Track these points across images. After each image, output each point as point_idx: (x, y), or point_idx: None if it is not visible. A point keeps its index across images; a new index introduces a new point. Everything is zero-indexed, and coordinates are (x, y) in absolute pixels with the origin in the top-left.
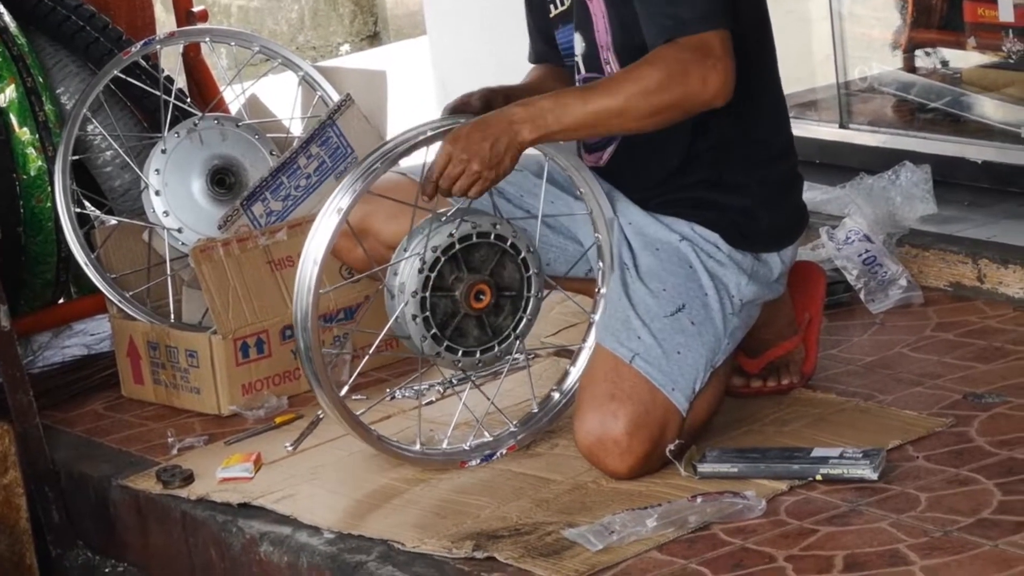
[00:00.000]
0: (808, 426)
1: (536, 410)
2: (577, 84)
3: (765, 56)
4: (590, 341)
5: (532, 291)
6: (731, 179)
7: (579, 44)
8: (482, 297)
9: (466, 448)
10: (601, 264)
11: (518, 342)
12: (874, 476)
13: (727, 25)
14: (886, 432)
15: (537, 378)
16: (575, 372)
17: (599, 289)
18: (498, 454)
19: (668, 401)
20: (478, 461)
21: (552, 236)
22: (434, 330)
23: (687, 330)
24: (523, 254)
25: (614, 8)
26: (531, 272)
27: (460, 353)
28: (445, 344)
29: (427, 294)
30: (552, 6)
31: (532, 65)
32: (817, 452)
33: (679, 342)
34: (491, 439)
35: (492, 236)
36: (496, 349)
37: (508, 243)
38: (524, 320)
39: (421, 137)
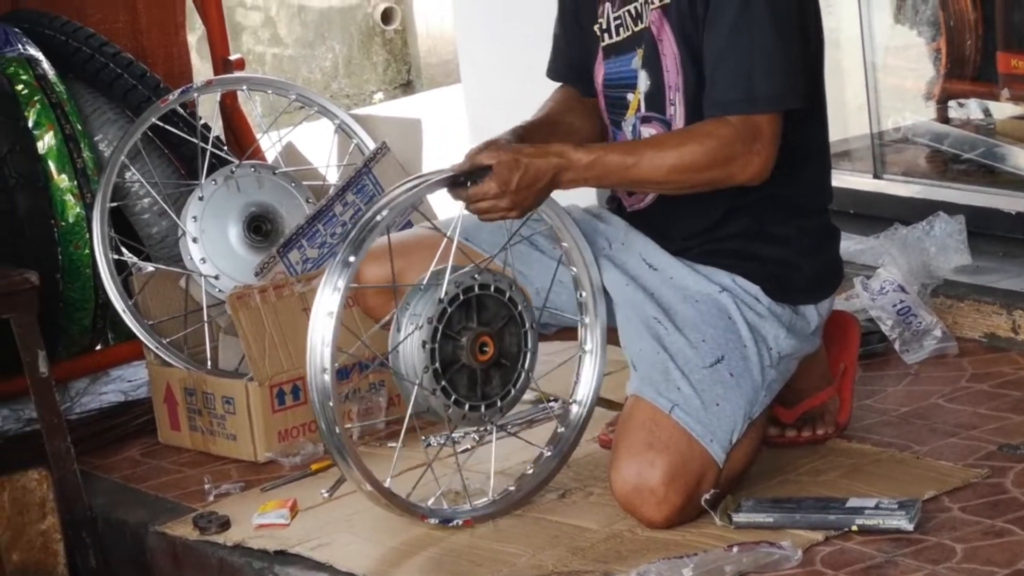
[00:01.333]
0: (843, 476)
1: (512, 488)
2: (631, 121)
3: (817, 116)
4: (580, 391)
5: (525, 366)
6: (773, 230)
7: (643, 82)
8: (486, 349)
9: (427, 505)
10: (582, 294)
11: (500, 414)
12: (910, 527)
13: (795, 104)
14: (921, 483)
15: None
16: (548, 455)
17: (583, 345)
18: (455, 522)
19: (706, 452)
20: (436, 521)
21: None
22: (436, 364)
23: (726, 382)
24: (525, 328)
25: (688, 51)
26: (528, 348)
27: (452, 399)
28: (442, 384)
29: (440, 325)
30: (607, 35)
31: (549, 79)
32: (853, 502)
33: (718, 393)
34: (447, 508)
35: (507, 296)
36: (480, 412)
37: (517, 310)
38: (511, 393)
39: (424, 184)
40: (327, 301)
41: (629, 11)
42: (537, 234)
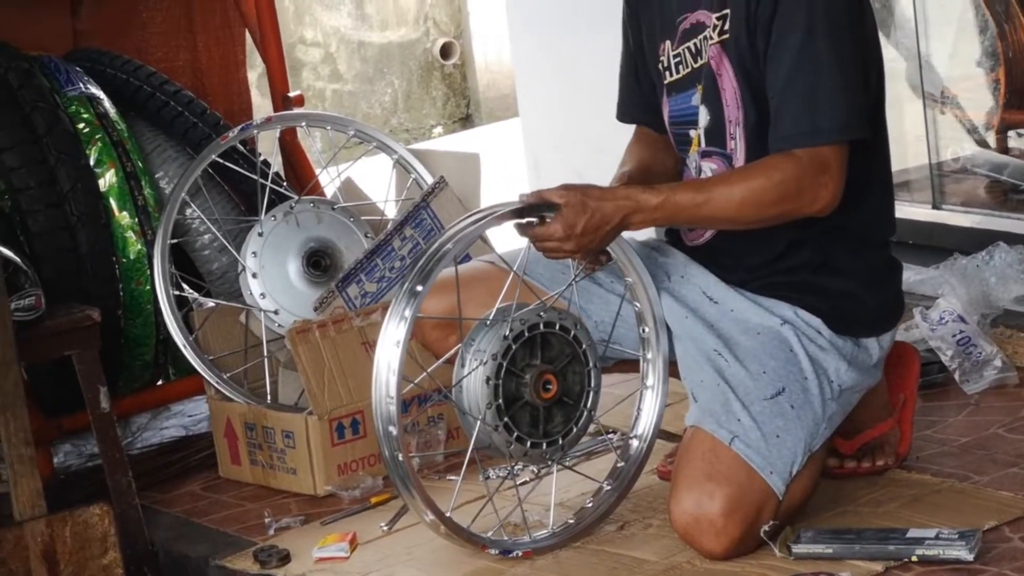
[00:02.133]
0: (903, 507)
1: (572, 520)
2: (694, 157)
3: (880, 147)
4: (641, 426)
5: (588, 404)
6: (835, 263)
7: (703, 117)
8: (549, 387)
9: (488, 536)
10: (644, 329)
11: (561, 452)
12: (970, 557)
13: (860, 134)
14: (982, 513)
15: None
16: (608, 488)
17: (645, 355)
18: (514, 553)
19: (765, 484)
20: (496, 552)
21: (627, 309)
22: (499, 401)
23: (787, 414)
24: (589, 366)
25: (748, 84)
26: (591, 387)
27: (514, 435)
28: (504, 420)
29: (505, 361)
30: (668, 73)
31: (621, 123)
32: (912, 533)
33: (778, 425)
34: (507, 539)
35: (572, 334)
36: (543, 449)
37: (582, 348)
38: (573, 432)
39: (478, 224)
40: (394, 330)
41: (689, 48)
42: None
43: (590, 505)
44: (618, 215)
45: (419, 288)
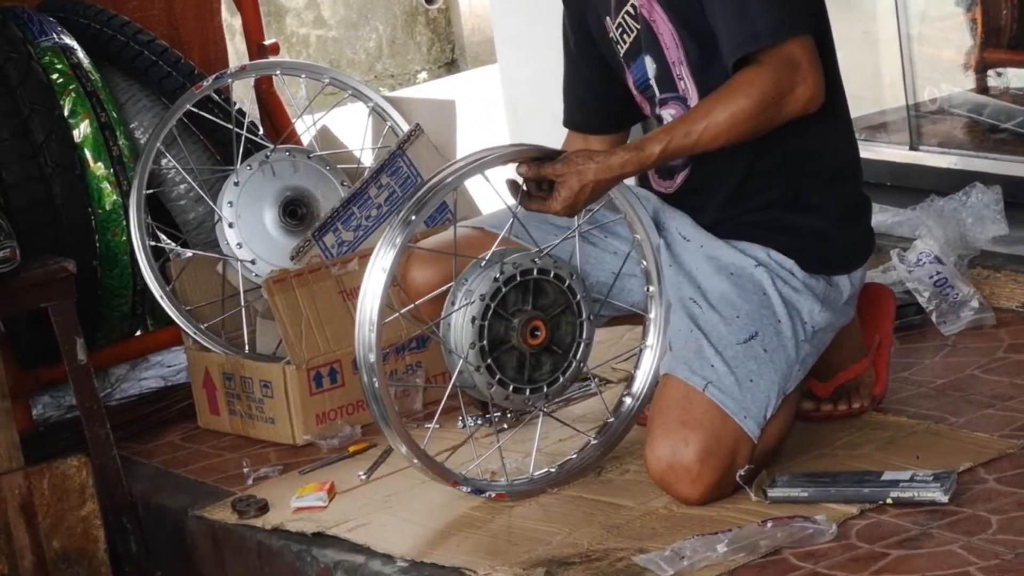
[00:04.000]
0: (879, 449)
1: (553, 470)
2: (655, 106)
3: (827, 65)
4: (636, 385)
5: (578, 356)
6: (807, 199)
7: (651, 67)
8: (537, 334)
9: (462, 473)
10: (650, 288)
11: (544, 400)
12: (945, 499)
13: (808, 30)
14: (957, 454)
15: (607, 401)
16: (595, 443)
17: (648, 315)
18: (487, 494)
19: (740, 429)
20: (468, 490)
21: (630, 264)
22: (484, 342)
23: (760, 357)
24: (582, 318)
25: (683, 24)
26: (582, 339)
27: (496, 378)
28: (487, 362)
29: (493, 303)
30: (619, 46)
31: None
32: (888, 475)
33: (751, 369)
34: (482, 479)
35: (566, 284)
36: (525, 395)
37: (576, 299)
38: (559, 381)
39: (476, 163)
40: (383, 257)
41: (626, 13)
42: (594, 228)
43: (574, 457)
44: (616, 181)
45: (413, 217)
